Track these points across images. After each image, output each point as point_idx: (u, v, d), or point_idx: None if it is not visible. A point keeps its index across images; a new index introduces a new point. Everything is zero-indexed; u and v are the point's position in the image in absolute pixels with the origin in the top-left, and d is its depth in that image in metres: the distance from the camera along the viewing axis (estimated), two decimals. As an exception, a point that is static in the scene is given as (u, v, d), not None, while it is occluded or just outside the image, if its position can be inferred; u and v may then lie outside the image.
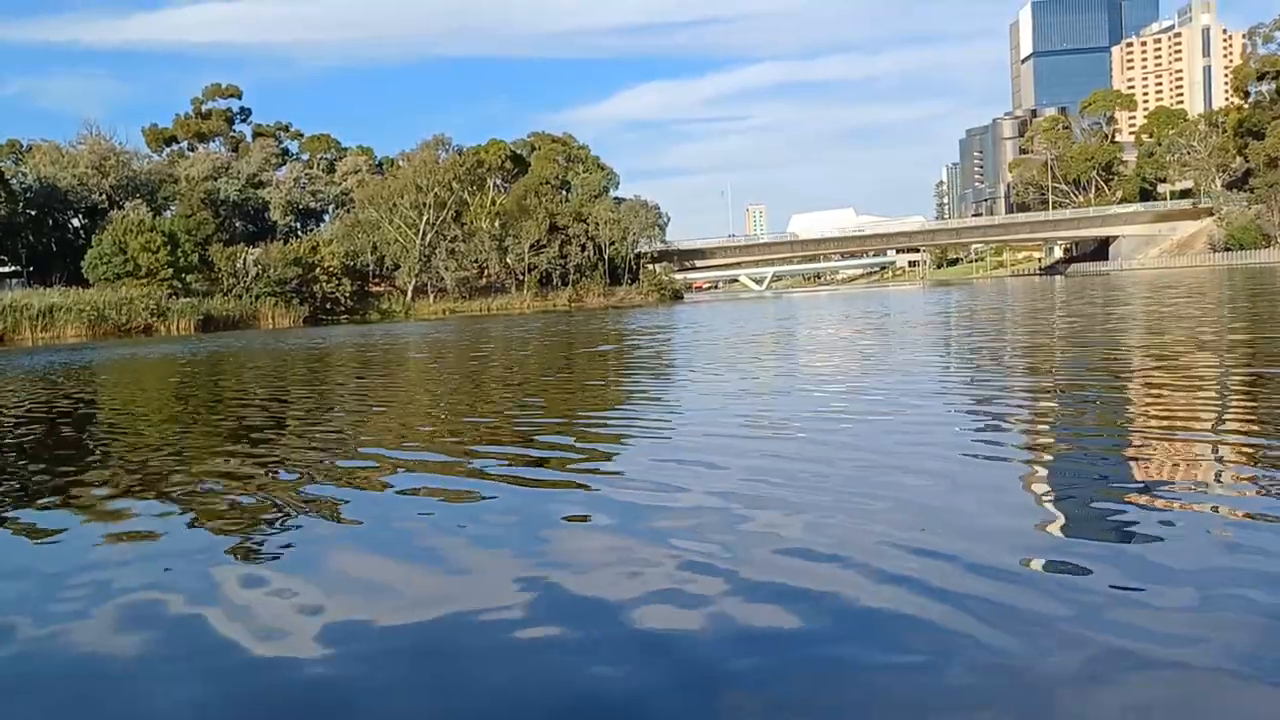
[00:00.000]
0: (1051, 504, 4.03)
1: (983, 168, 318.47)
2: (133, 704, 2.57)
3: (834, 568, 3.25)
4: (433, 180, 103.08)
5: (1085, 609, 2.76)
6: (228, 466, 6.19)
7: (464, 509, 4.53)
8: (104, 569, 3.81)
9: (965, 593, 2.93)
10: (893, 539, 3.52)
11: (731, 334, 21.61)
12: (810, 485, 4.49)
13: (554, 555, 3.65)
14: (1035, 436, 5.70)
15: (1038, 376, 9.13)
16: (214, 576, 3.61)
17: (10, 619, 3.25)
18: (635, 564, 3.44)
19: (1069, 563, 3.17)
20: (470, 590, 3.32)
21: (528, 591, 3.21)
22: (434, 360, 18.53)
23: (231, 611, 3.18)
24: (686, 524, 3.92)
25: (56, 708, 2.58)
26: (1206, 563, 3.13)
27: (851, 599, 2.95)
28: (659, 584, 3.20)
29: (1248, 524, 3.55)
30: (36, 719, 2.53)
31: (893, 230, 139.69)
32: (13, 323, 61.68)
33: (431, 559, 3.73)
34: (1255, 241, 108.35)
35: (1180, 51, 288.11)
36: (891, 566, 3.21)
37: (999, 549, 3.35)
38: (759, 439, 6.03)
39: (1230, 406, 6.43)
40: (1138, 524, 3.58)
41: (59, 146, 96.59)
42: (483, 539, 3.94)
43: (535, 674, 2.56)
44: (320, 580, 3.51)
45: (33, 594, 3.56)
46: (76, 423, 10.06)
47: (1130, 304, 24.19)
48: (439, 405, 9.80)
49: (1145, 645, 2.49)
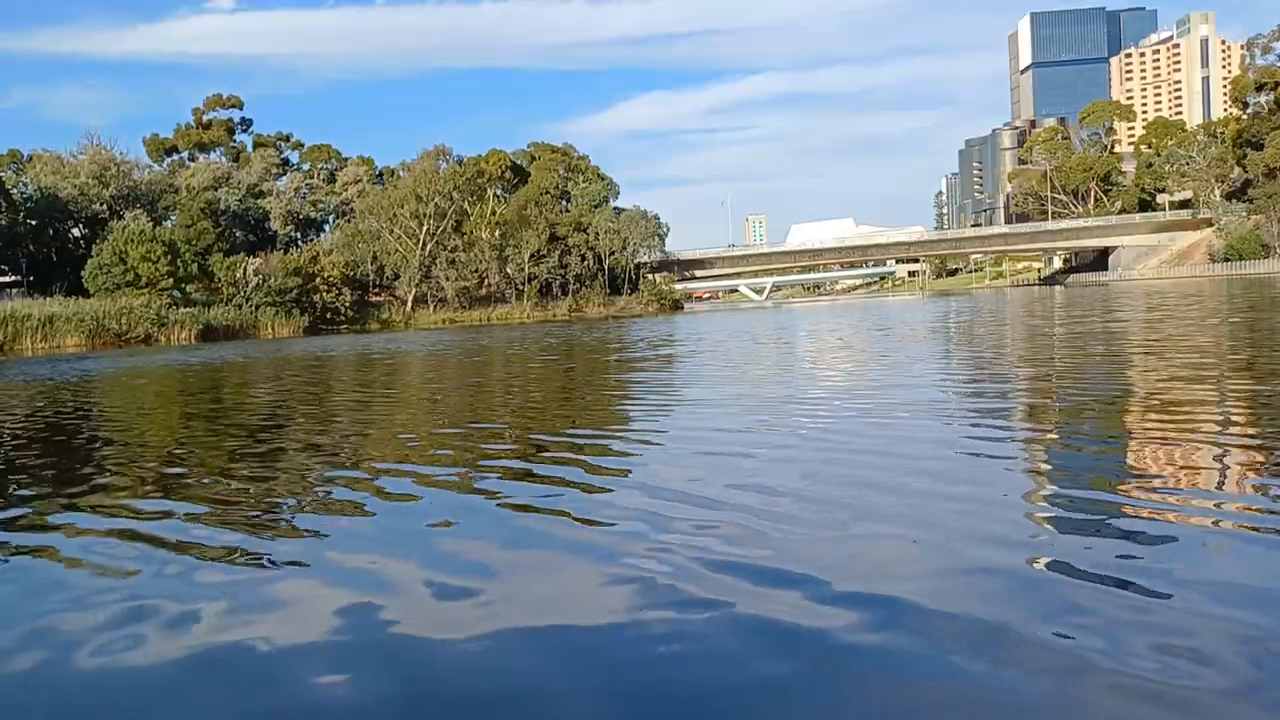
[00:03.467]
0: (1047, 517, 4.05)
1: (982, 178, 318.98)
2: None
3: (829, 576, 3.29)
4: (433, 190, 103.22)
5: (1083, 614, 2.80)
6: (233, 476, 6.21)
7: (466, 514, 4.56)
8: (122, 580, 3.84)
9: (962, 596, 2.97)
10: (887, 546, 3.54)
11: (733, 345, 21.62)
12: (809, 493, 4.53)
13: (556, 560, 3.68)
14: (1033, 448, 5.72)
15: (1037, 386, 9.14)
16: (218, 579, 3.66)
17: (21, 632, 3.29)
18: (634, 567, 3.48)
19: (1068, 564, 3.21)
20: (471, 594, 3.34)
21: (530, 593, 3.24)
22: (435, 368, 18.54)
23: (240, 621, 3.22)
24: (684, 527, 3.96)
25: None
26: (1205, 572, 3.16)
27: (850, 602, 2.99)
28: (658, 586, 3.24)
29: (1248, 534, 3.58)
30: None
31: (892, 240, 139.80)
32: (12, 332, 61.59)
33: (432, 565, 3.76)
34: (1254, 252, 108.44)
35: (1179, 62, 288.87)
36: (882, 576, 3.24)
37: (995, 554, 3.39)
38: (759, 445, 6.06)
39: (1231, 414, 6.44)
40: (1135, 533, 3.61)
41: (60, 156, 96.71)
42: (487, 546, 3.97)
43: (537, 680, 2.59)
44: (322, 585, 3.54)
45: (34, 605, 3.59)
46: (83, 437, 10.07)
47: (1128, 316, 24.21)
48: (440, 415, 9.81)
49: (1144, 650, 2.52)
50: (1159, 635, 2.65)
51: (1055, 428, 6.43)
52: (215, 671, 2.83)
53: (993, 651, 2.60)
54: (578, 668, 2.69)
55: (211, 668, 2.86)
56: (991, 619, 2.84)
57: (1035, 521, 3.93)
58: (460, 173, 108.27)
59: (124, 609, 3.42)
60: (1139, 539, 3.57)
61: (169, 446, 8.45)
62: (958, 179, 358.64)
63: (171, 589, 3.64)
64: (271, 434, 8.97)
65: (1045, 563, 3.35)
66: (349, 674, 2.74)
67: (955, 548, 3.57)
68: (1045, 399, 8.18)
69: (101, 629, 3.23)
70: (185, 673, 2.84)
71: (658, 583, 3.36)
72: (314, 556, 4.05)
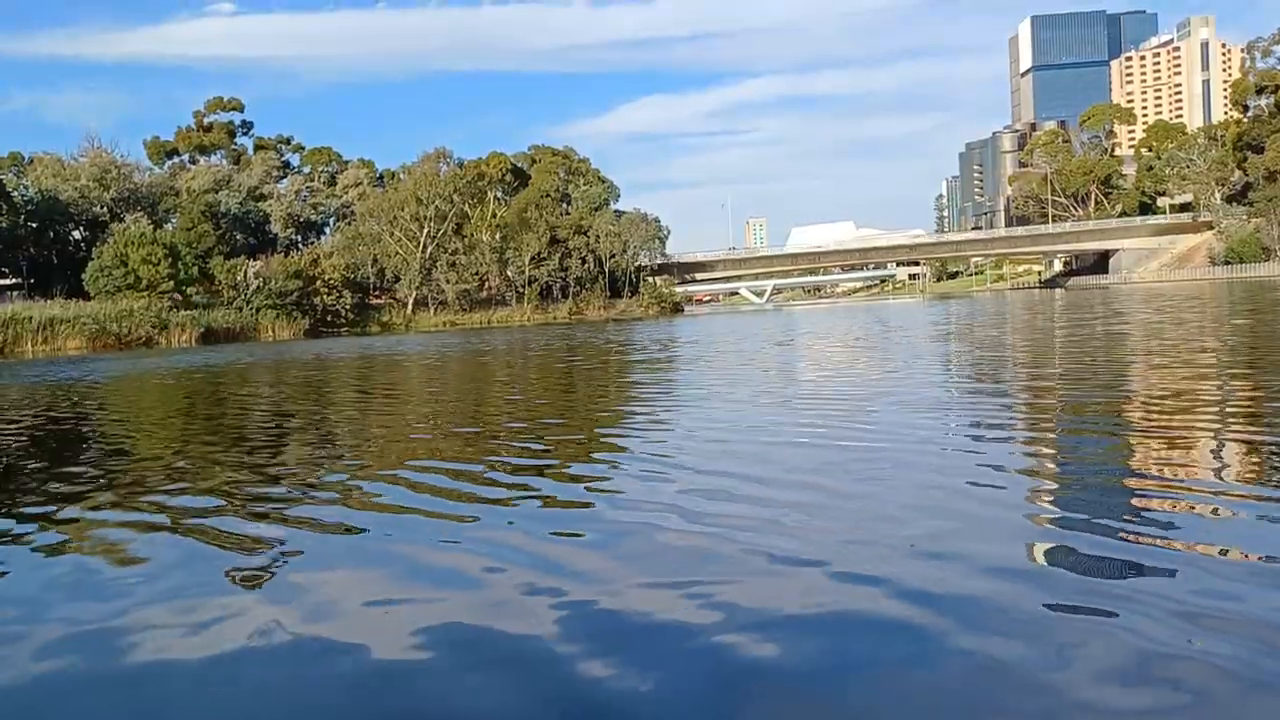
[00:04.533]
0: (1048, 520, 4.04)
1: (982, 181, 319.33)
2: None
3: (826, 580, 3.27)
4: (433, 193, 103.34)
5: (1079, 619, 2.78)
6: (237, 481, 6.21)
7: (473, 520, 4.55)
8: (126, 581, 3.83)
9: (960, 602, 2.95)
10: (882, 553, 3.53)
11: (733, 348, 21.63)
12: (807, 502, 4.52)
13: (555, 568, 3.67)
14: (1034, 450, 5.71)
15: (1038, 391, 9.13)
16: (224, 584, 3.64)
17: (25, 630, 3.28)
18: (633, 568, 3.48)
19: (1067, 572, 3.19)
20: (474, 601, 3.33)
21: (530, 596, 3.23)
22: (438, 368, 18.55)
23: (239, 627, 3.21)
24: (680, 532, 3.96)
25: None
26: (1204, 581, 3.14)
27: (848, 607, 2.97)
28: (657, 588, 3.22)
29: (1249, 540, 3.56)
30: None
31: (893, 243, 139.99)
32: (13, 335, 61.62)
33: (437, 573, 3.75)
34: (1255, 255, 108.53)
35: (1179, 65, 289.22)
36: (882, 577, 3.23)
37: (991, 559, 3.38)
38: (758, 451, 6.05)
39: (1229, 415, 6.42)
40: (1133, 538, 3.60)
41: (60, 159, 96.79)
42: (490, 554, 3.96)
43: (543, 684, 2.58)
44: (324, 590, 3.53)
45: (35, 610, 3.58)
46: (93, 439, 10.06)
47: (1129, 318, 24.22)
48: (440, 421, 9.82)
49: (1142, 658, 2.51)
50: (1160, 635, 2.63)
51: (1057, 429, 6.42)
52: (230, 671, 2.82)
53: (989, 646, 2.59)
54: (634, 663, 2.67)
55: (221, 668, 2.85)
56: (989, 621, 2.83)
57: (1035, 519, 3.92)
58: (461, 175, 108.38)
59: (141, 604, 3.41)
60: (1142, 531, 3.56)
61: (203, 452, 8.43)
62: (958, 182, 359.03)
63: (178, 587, 3.64)
64: (283, 436, 8.96)
65: (1045, 555, 3.34)
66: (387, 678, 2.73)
67: (946, 551, 3.55)
68: (1047, 400, 8.16)
69: (107, 628, 3.22)
70: (184, 674, 2.83)
71: (655, 587, 3.34)
72: (342, 554, 4.05)
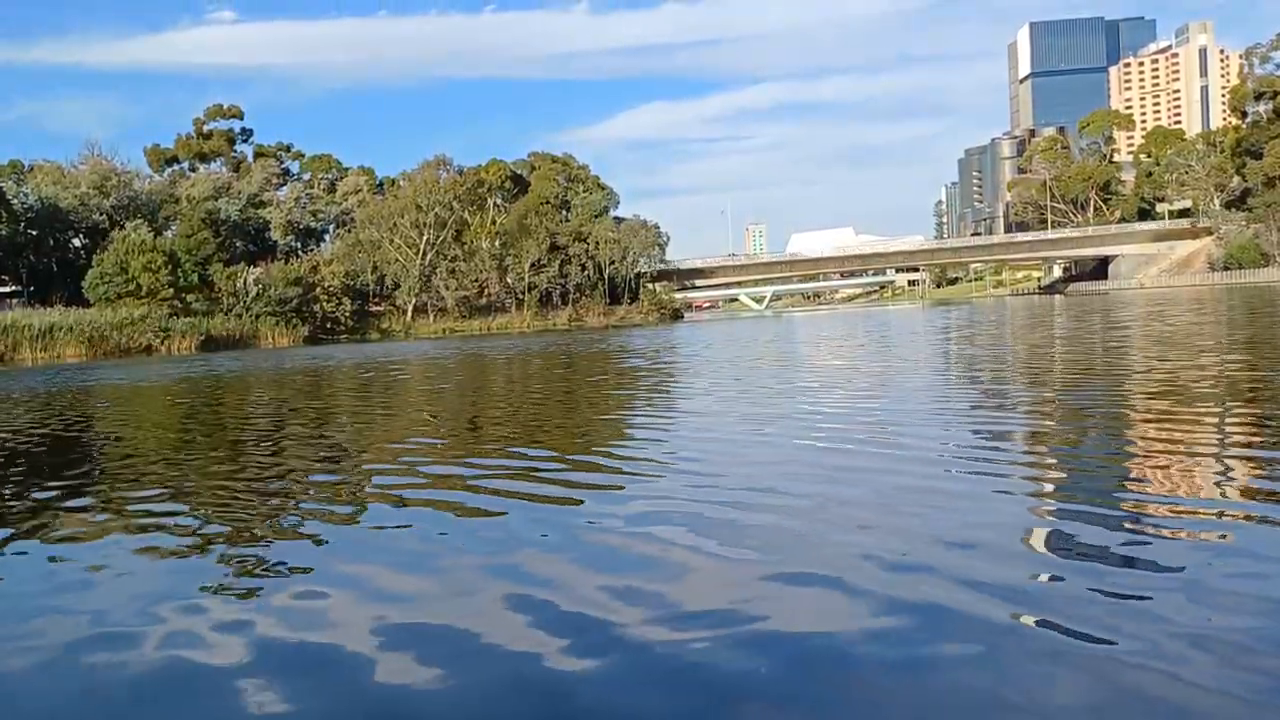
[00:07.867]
0: (1046, 525, 4.03)
1: (981, 187, 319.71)
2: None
3: (825, 584, 3.26)
4: (433, 200, 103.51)
5: (1076, 621, 2.77)
6: (239, 483, 6.21)
7: (476, 525, 4.54)
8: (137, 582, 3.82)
9: (948, 614, 2.94)
10: (880, 559, 3.53)
11: (734, 355, 21.64)
12: (805, 508, 4.51)
13: (555, 570, 3.66)
14: (1034, 457, 5.70)
15: (1037, 394, 9.13)
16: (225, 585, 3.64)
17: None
18: (632, 570, 3.48)
19: (1067, 578, 3.18)
20: (475, 603, 3.32)
21: (531, 600, 3.22)
22: (438, 375, 18.55)
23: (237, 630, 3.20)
24: (678, 535, 3.96)
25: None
26: (1202, 589, 3.13)
27: (847, 608, 2.97)
28: (655, 591, 3.22)
29: (1247, 546, 3.56)
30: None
31: (892, 249, 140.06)
32: (12, 342, 61.61)
33: (436, 575, 3.74)
34: (1254, 260, 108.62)
35: (1178, 72, 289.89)
36: (875, 585, 3.22)
37: (990, 566, 3.37)
38: (758, 455, 6.04)
39: (1229, 425, 6.42)
40: (1133, 544, 3.59)
41: (61, 167, 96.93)
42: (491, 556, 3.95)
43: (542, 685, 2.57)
44: (324, 593, 3.52)
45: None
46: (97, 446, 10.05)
47: (1129, 325, 24.23)
48: (440, 426, 9.81)
49: (1140, 661, 2.50)
50: (1163, 638, 2.62)
51: (1058, 435, 6.41)
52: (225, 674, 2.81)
53: (986, 652, 2.59)
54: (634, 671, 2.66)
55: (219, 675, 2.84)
56: (989, 619, 2.82)
57: (1036, 519, 3.91)
58: (460, 182, 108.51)
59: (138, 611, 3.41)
60: (1140, 541, 3.55)
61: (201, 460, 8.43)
62: (957, 188, 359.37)
63: (180, 589, 3.63)
64: (285, 442, 8.96)
65: (1046, 577, 3.33)
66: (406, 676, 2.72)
67: (943, 560, 3.54)
68: (1047, 406, 8.16)
69: (104, 633, 3.21)
70: (187, 673, 2.82)
71: (653, 590, 3.34)
72: (338, 563, 4.04)
